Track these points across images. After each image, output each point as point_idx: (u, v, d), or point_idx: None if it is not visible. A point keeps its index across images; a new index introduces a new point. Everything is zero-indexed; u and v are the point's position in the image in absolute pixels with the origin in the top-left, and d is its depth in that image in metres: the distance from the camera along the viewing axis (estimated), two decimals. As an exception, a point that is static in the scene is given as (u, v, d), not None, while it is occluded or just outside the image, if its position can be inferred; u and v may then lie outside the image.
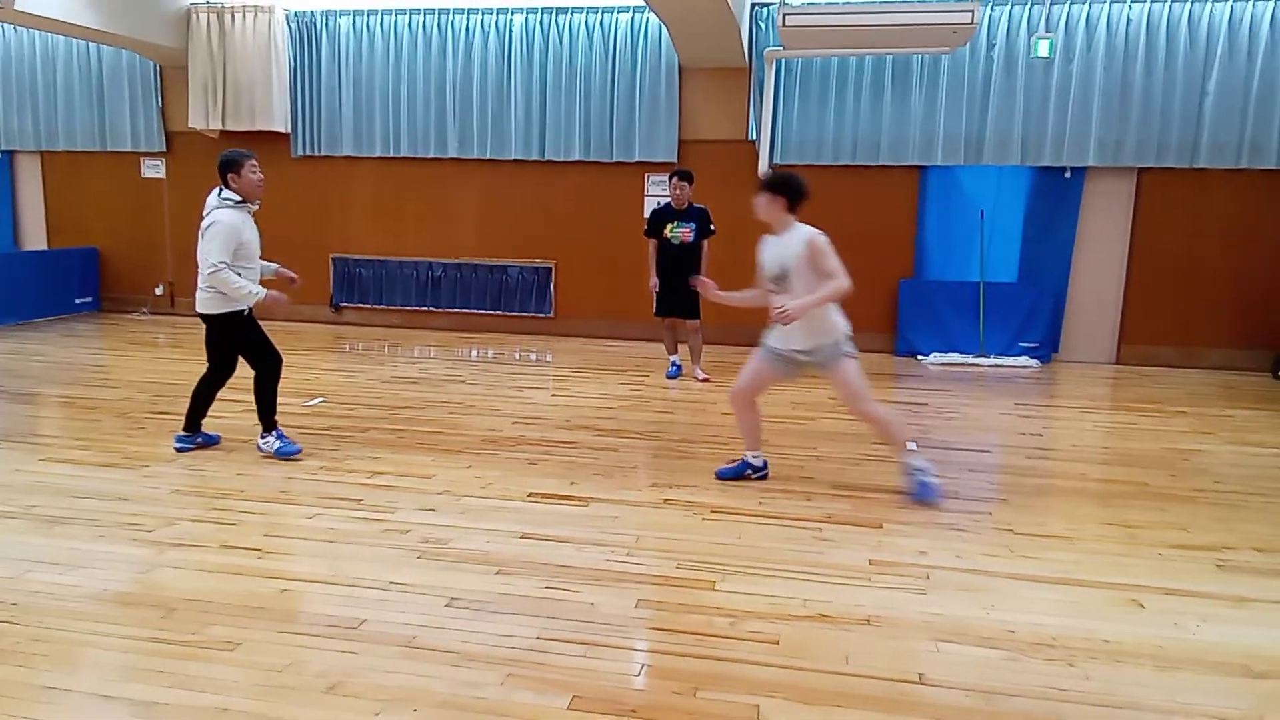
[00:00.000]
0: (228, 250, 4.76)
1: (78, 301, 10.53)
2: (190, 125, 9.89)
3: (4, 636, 2.95)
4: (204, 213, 4.88)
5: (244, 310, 4.96)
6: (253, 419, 5.29)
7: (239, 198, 4.86)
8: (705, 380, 7.41)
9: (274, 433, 5.08)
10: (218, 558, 3.64)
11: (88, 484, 4.52)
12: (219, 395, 5.18)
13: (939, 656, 2.95)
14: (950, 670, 2.86)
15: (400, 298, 10.14)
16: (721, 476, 4.83)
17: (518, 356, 8.66)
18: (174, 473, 4.74)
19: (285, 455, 5.01)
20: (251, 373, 5.09)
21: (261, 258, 5.11)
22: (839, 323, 4.52)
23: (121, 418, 5.85)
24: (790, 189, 4.56)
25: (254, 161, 4.91)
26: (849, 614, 3.24)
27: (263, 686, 2.68)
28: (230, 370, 5.14)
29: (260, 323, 5.12)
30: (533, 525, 4.07)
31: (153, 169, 10.52)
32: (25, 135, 10.65)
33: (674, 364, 7.69)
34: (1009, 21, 8.40)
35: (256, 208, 4.99)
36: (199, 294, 4.92)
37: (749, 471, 4.84)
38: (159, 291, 10.71)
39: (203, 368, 5.16)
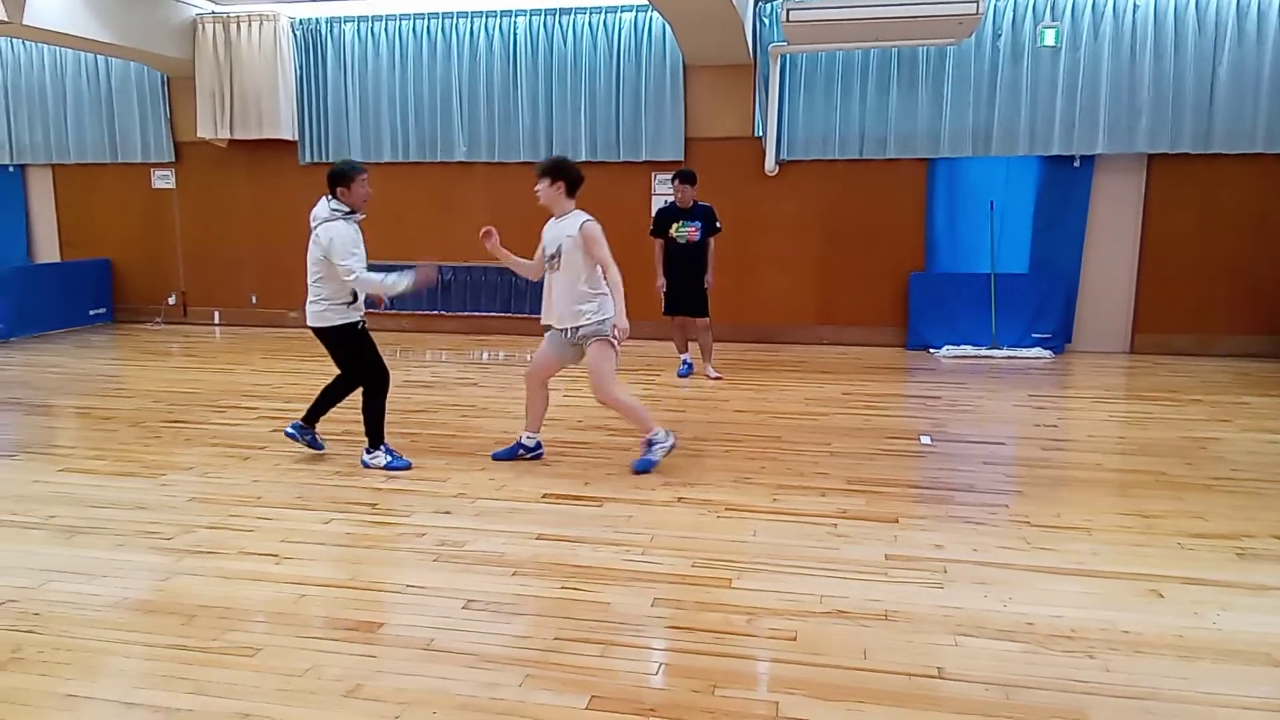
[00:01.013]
0: (358, 254, 4.79)
1: (91, 313, 10.61)
2: (199, 135, 9.95)
3: (26, 646, 2.97)
4: (313, 223, 4.85)
5: (358, 324, 4.93)
6: (269, 426, 5.33)
7: (348, 208, 4.84)
8: (717, 378, 7.41)
9: (382, 447, 5.01)
10: (236, 564, 3.66)
11: (106, 493, 4.56)
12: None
13: (958, 650, 2.94)
14: (969, 664, 2.85)
15: (411, 302, 10.14)
16: (496, 458, 5.08)
17: (529, 358, 8.64)
18: (191, 481, 4.77)
19: (395, 469, 4.95)
20: (349, 383, 5.09)
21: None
22: (604, 306, 4.78)
23: (137, 427, 5.89)
24: (568, 174, 4.87)
25: (364, 175, 4.88)
26: (866, 609, 3.23)
27: (283, 691, 2.70)
28: (383, 374, 5.06)
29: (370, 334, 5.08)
30: (547, 526, 4.08)
31: (163, 179, 10.58)
32: (36, 149, 10.74)
33: (685, 362, 7.69)
34: (1014, 11, 8.36)
35: (363, 218, 4.96)
36: (310, 307, 4.91)
37: (521, 452, 5.08)
38: (171, 301, 10.77)
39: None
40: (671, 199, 7.50)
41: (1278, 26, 7.94)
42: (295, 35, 9.80)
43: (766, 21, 8.78)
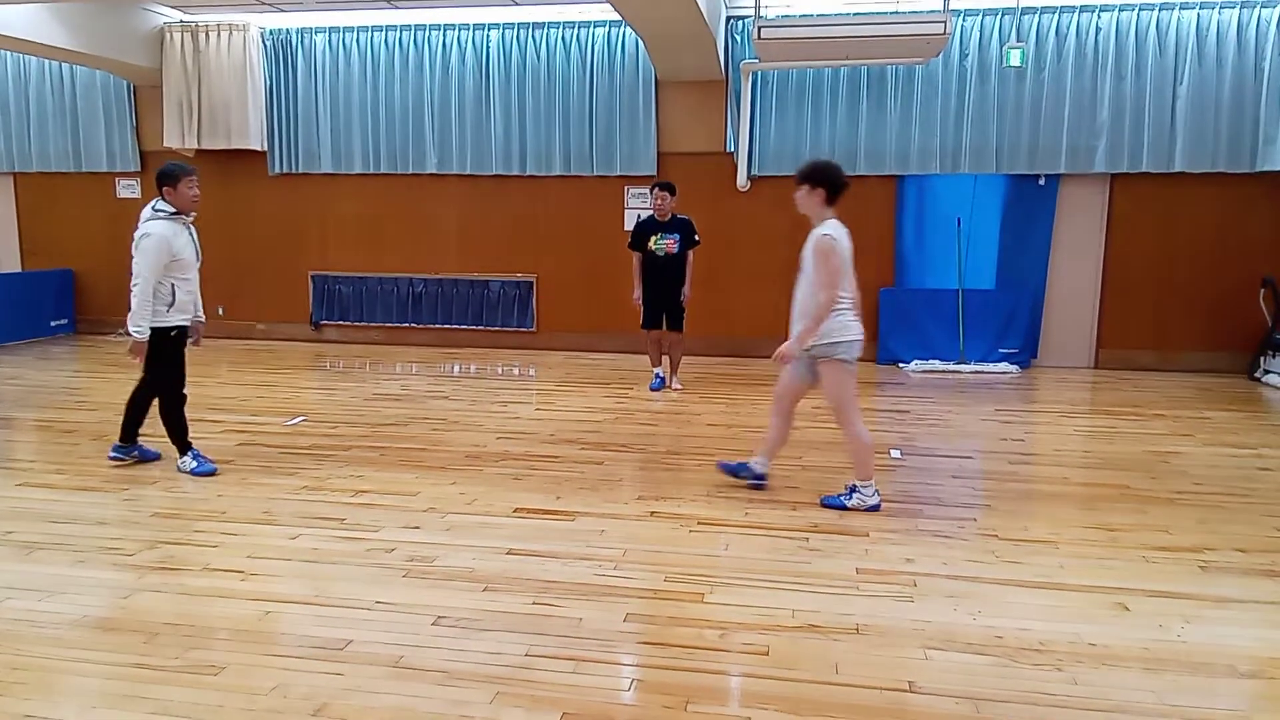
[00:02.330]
0: (158, 265, 4.78)
1: (53, 324, 10.42)
2: (166, 144, 9.83)
3: (-18, 666, 2.90)
4: (140, 222, 4.86)
5: (171, 330, 4.94)
6: (235, 439, 5.27)
7: (173, 209, 4.83)
8: (678, 389, 7.48)
9: (190, 453, 5.06)
10: (200, 581, 3.60)
11: (66, 508, 4.46)
12: (188, 414, 5.15)
13: (928, 664, 2.96)
14: (939, 677, 2.87)
15: (381, 314, 10.09)
16: (722, 468, 4.92)
17: (500, 371, 8.63)
18: (154, 495, 4.68)
19: (201, 474, 4.97)
20: (181, 395, 5.11)
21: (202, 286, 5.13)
22: (846, 326, 4.48)
23: (99, 440, 5.77)
24: (828, 180, 4.45)
25: (193, 177, 4.89)
26: (838, 623, 3.24)
27: (249, 711, 2.65)
28: (179, 383, 5.10)
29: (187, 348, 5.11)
30: (519, 541, 4.05)
31: (128, 189, 10.43)
32: (-2, 156, 10.56)
33: (658, 376, 7.70)
34: (981, 31, 8.51)
35: (192, 219, 4.96)
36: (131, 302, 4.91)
37: (744, 474, 4.82)
38: (136, 312, 10.59)
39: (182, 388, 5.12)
40: (649, 212, 7.51)
41: (1236, 48, 8.14)
42: (265, 45, 9.72)
43: (738, 38, 8.86)
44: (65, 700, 2.72)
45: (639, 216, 7.81)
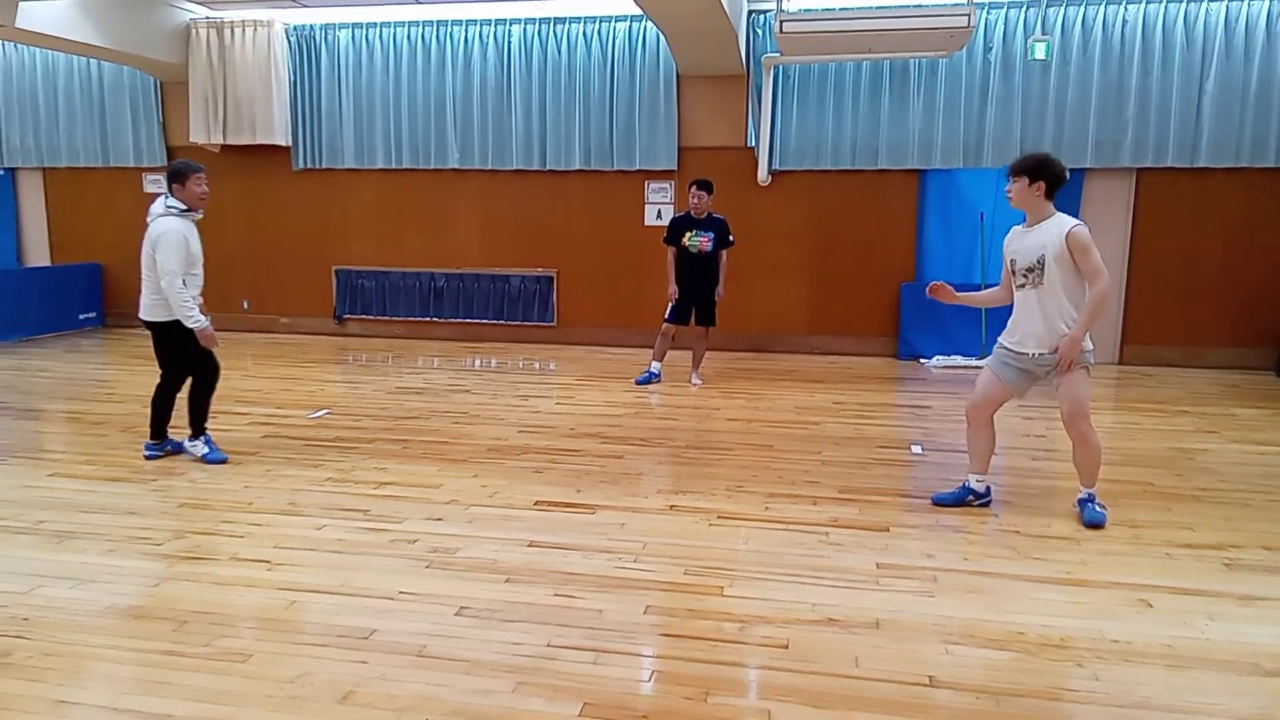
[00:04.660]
0: (182, 260, 4.84)
1: (81, 317, 10.56)
2: (191, 140, 9.93)
3: (15, 651, 2.96)
4: (148, 219, 4.93)
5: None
6: (260, 431, 5.33)
7: (184, 206, 4.90)
8: (698, 384, 7.48)
9: (202, 438, 5.16)
10: (228, 570, 3.65)
11: (96, 498, 4.54)
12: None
13: (948, 659, 2.96)
14: (960, 672, 2.87)
15: (403, 308, 10.16)
16: (938, 502, 4.49)
17: (521, 365, 8.67)
18: (182, 486, 4.75)
19: (211, 461, 5.08)
20: (211, 381, 5.20)
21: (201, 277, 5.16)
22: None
23: (128, 432, 5.86)
24: (1049, 172, 4.11)
25: (201, 175, 4.97)
26: (858, 618, 3.25)
27: (275, 698, 2.69)
28: (185, 375, 5.19)
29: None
30: (540, 533, 4.08)
31: (154, 184, 10.53)
32: (27, 152, 10.70)
33: (651, 371, 7.65)
34: (1005, 24, 8.43)
35: (199, 216, 5.04)
36: (143, 300, 4.99)
37: (970, 498, 4.47)
38: (162, 306, 10.72)
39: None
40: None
41: (1264, 41, 8.03)
42: (289, 41, 9.80)
43: (760, 32, 8.83)
44: (97, 686, 2.78)
45: (658, 212, 7.81)
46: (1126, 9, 8.22)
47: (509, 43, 9.38)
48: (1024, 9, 8.37)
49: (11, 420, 6.34)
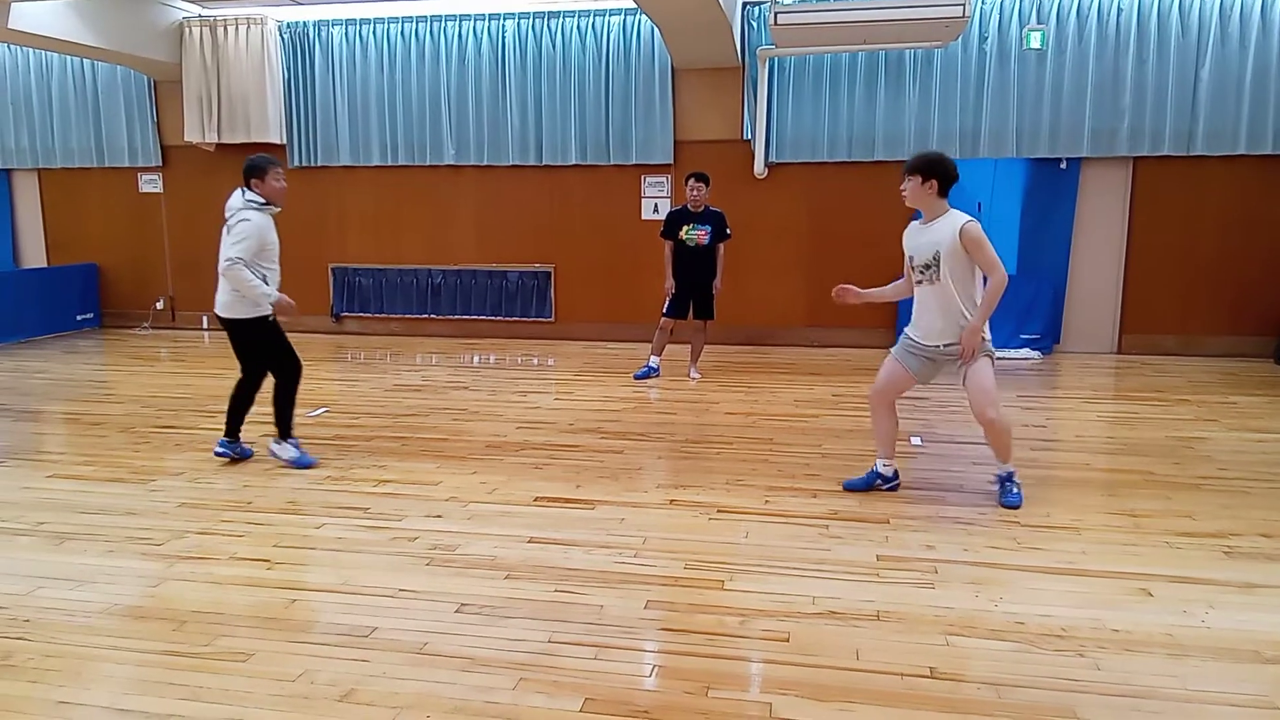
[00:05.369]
0: (251, 249, 4.78)
1: (79, 318, 10.54)
2: (186, 139, 9.91)
3: (16, 653, 2.96)
4: (227, 214, 4.87)
5: (268, 315, 4.94)
6: (261, 429, 5.31)
7: (263, 200, 4.87)
8: (697, 378, 7.48)
9: (290, 440, 5.09)
10: (227, 569, 3.65)
11: (95, 499, 4.53)
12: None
13: (949, 650, 2.96)
14: (961, 663, 2.87)
15: (400, 305, 10.15)
16: (848, 487, 4.59)
17: (520, 361, 8.67)
18: (181, 486, 4.75)
19: (301, 466, 5.02)
20: (296, 378, 5.15)
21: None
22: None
23: (126, 433, 5.86)
24: (941, 171, 4.22)
25: (279, 169, 4.95)
26: (858, 610, 3.25)
27: (276, 697, 2.69)
28: (264, 374, 5.15)
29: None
30: (540, 529, 4.08)
31: (150, 183, 10.53)
32: (22, 153, 10.66)
33: (650, 365, 7.63)
34: (1001, 14, 8.41)
35: (278, 210, 4.99)
36: (220, 297, 4.93)
37: (878, 482, 4.58)
38: (159, 306, 10.72)
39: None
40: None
41: (1260, 29, 8.02)
42: (283, 38, 9.77)
43: (754, 25, 8.81)
44: (97, 686, 2.77)
45: (655, 205, 7.80)
46: (1122, -3, 8.21)
47: (503, 37, 9.35)
48: (1019, -2, 8.36)
49: (10, 422, 6.33)
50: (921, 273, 4.31)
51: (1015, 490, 4.40)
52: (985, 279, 4.21)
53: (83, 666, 2.89)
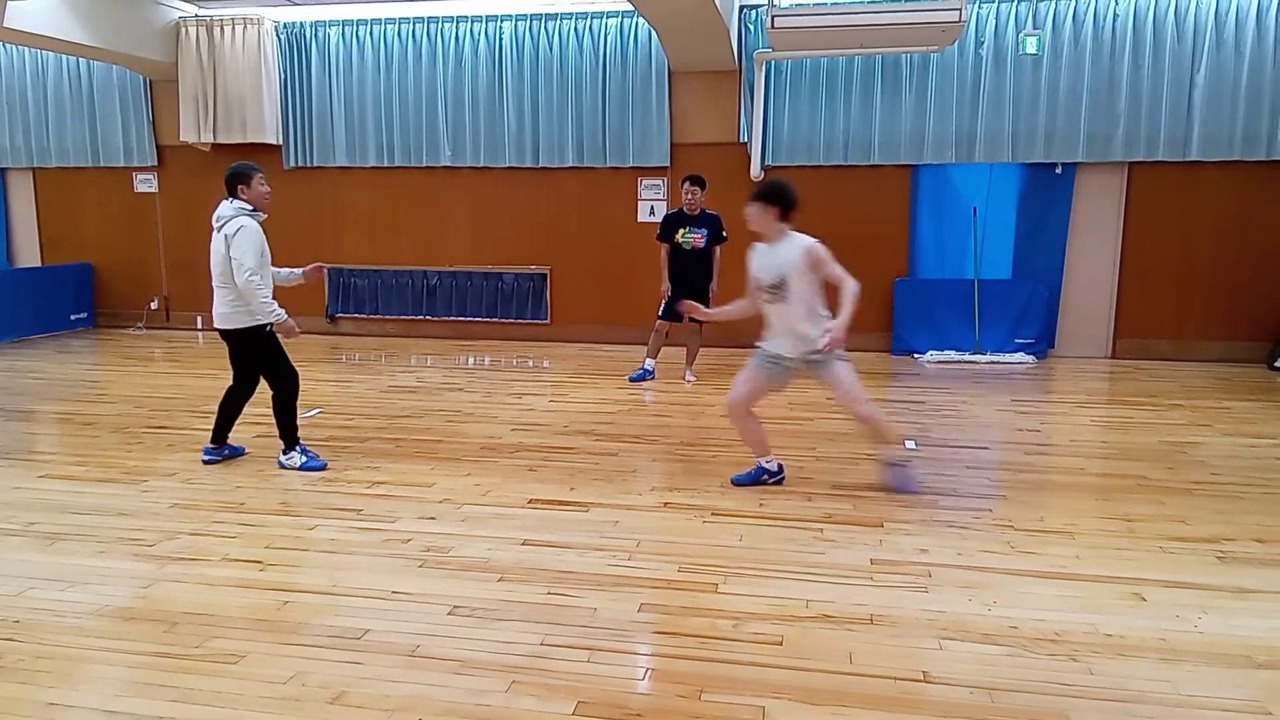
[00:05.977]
0: (258, 253, 4.78)
1: (73, 318, 10.51)
2: (182, 139, 9.90)
3: (6, 654, 2.94)
4: (216, 224, 4.85)
5: (265, 326, 4.93)
6: (251, 431, 5.30)
7: (251, 206, 4.86)
8: (692, 381, 7.47)
9: (297, 448, 5.07)
10: (219, 571, 3.64)
11: (87, 500, 4.51)
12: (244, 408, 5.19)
13: (942, 654, 2.96)
14: (954, 667, 2.87)
15: (396, 307, 10.13)
16: (737, 482, 4.76)
17: (514, 363, 8.66)
18: (173, 487, 4.73)
19: (312, 469, 5.00)
20: (294, 388, 5.13)
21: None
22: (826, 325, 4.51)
23: (119, 433, 5.84)
24: (783, 198, 4.53)
25: (262, 174, 4.93)
26: (852, 613, 3.25)
27: (268, 699, 2.68)
28: (255, 384, 5.15)
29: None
30: (533, 531, 4.07)
31: (145, 183, 10.51)
32: (17, 152, 10.64)
33: (646, 368, 7.63)
34: (997, 19, 8.44)
35: (265, 217, 4.98)
36: (218, 309, 4.91)
37: (765, 477, 4.76)
38: (153, 306, 10.70)
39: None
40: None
41: (1255, 35, 8.05)
42: (279, 39, 9.76)
43: (751, 28, 8.82)
44: (88, 688, 2.76)
45: (651, 208, 7.80)
46: (1117, 3, 8.23)
47: (500, 39, 9.35)
48: (1015, 3, 8.38)
49: (2, 422, 6.30)
50: (770, 292, 4.54)
51: (911, 477, 4.65)
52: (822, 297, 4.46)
53: (73, 668, 2.87)
